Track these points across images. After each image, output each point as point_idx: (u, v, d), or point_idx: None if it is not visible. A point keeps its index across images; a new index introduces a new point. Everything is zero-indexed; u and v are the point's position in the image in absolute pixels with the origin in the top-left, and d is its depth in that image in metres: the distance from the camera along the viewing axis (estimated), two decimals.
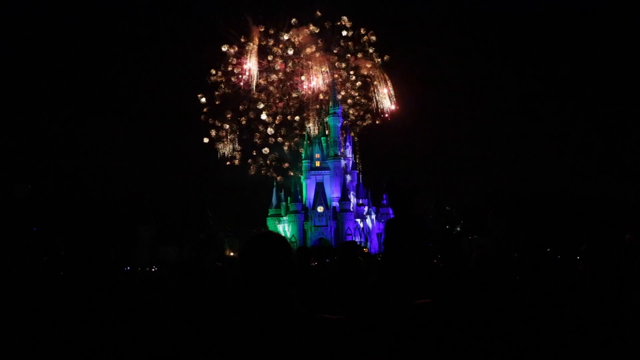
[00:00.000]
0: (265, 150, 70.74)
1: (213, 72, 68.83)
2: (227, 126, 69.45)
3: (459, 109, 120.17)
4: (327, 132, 69.09)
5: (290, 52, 69.33)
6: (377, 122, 70.52)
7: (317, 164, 68.16)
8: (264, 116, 69.63)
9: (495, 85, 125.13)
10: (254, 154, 70.27)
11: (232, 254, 58.47)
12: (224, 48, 67.92)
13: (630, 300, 4.30)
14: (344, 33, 70.07)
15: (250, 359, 1.73)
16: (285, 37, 68.96)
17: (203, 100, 68.97)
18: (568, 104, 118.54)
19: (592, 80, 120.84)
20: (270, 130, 70.55)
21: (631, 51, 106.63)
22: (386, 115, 69.82)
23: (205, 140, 69.47)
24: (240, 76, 68.82)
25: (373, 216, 66.26)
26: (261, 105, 69.77)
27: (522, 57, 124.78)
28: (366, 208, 66.63)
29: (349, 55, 70.62)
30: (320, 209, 64.68)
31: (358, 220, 64.84)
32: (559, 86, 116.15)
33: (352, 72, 71.08)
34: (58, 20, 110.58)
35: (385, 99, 69.87)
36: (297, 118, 70.45)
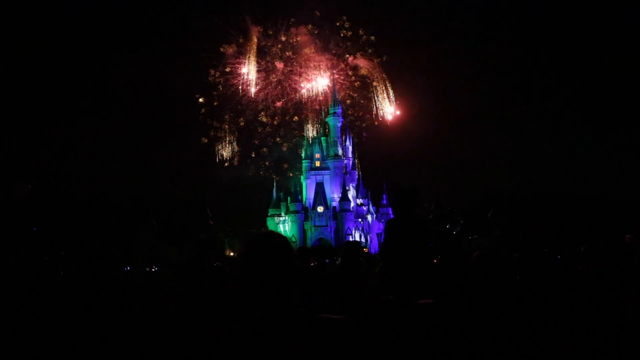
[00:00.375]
0: (264, 150, 70.73)
1: (212, 72, 68.82)
2: (226, 126, 69.46)
3: (459, 108, 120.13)
4: (327, 132, 69.08)
5: (289, 52, 69.32)
6: (375, 123, 70.51)
7: (317, 164, 68.17)
8: (262, 117, 69.61)
9: (495, 85, 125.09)
10: (253, 155, 70.27)
11: (232, 254, 58.46)
12: (222, 49, 67.89)
13: (629, 299, 4.30)
14: (343, 33, 70.05)
15: (250, 359, 1.74)
16: (284, 37, 68.96)
17: (201, 100, 68.95)
18: (568, 103, 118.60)
19: (592, 79, 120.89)
20: (268, 130, 70.55)
21: (631, 50, 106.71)
22: (385, 115, 69.80)
23: (205, 140, 69.50)
24: (238, 76, 68.80)
25: (373, 216, 66.26)
26: (260, 106, 69.79)
27: (521, 56, 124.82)
28: (366, 208, 66.63)
29: (347, 55, 70.60)
30: (320, 209, 64.68)
31: (358, 220, 64.85)
32: (558, 86, 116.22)
33: (350, 73, 71.06)
34: (58, 20, 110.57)
35: (385, 99, 69.87)
36: (295, 118, 70.44)
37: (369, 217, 66.03)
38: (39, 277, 6.81)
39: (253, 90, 68.86)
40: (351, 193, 66.44)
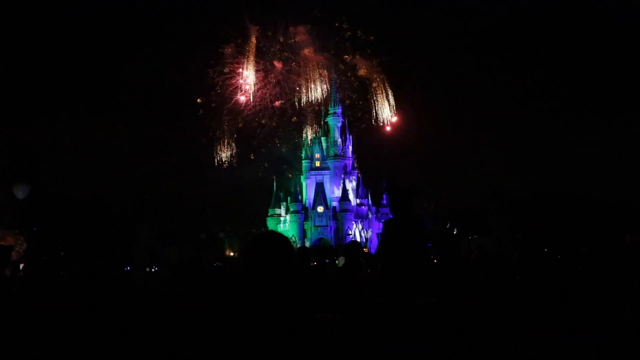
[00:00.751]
0: (263, 151, 70.65)
1: (210, 72, 68.70)
2: (225, 127, 69.36)
3: (459, 108, 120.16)
4: (327, 132, 69.06)
5: (287, 52, 69.25)
6: (374, 123, 70.43)
7: (317, 164, 68.17)
8: (261, 117, 69.54)
9: (495, 85, 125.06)
10: (252, 157, 70.16)
11: (232, 254, 58.51)
12: (221, 50, 67.77)
13: (629, 300, 4.30)
14: (342, 34, 69.92)
15: (250, 359, 1.74)
16: (282, 37, 68.87)
17: (199, 100, 68.79)
18: (568, 103, 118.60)
19: (592, 79, 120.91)
20: (267, 131, 70.45)
21: (631, 49, 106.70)
22: (384, 115, 69.72)
23: (204, 140, 69.41)
24: (237, 77, 68.69)
25: (373, 216, 66.28)
26: (258, 106, 69.65)
27: (522, 56, 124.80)
28: (366, 208, 66.63)
29: (346, 56, 70.46)
30: (320, 209, 64.69)
31: (358, 220, 64.86)
32: (558, 85, 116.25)
33: (349, 73, 70.94)
34: (58, 20, 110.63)
35: (384, 99, 69.78)
36: (294, 119, 70.36)
37: (369, 217, 66.04)
38: (38, 277, 6.81)
39: (252, 90, 68.72)
40: (351, 193, 66.43)
